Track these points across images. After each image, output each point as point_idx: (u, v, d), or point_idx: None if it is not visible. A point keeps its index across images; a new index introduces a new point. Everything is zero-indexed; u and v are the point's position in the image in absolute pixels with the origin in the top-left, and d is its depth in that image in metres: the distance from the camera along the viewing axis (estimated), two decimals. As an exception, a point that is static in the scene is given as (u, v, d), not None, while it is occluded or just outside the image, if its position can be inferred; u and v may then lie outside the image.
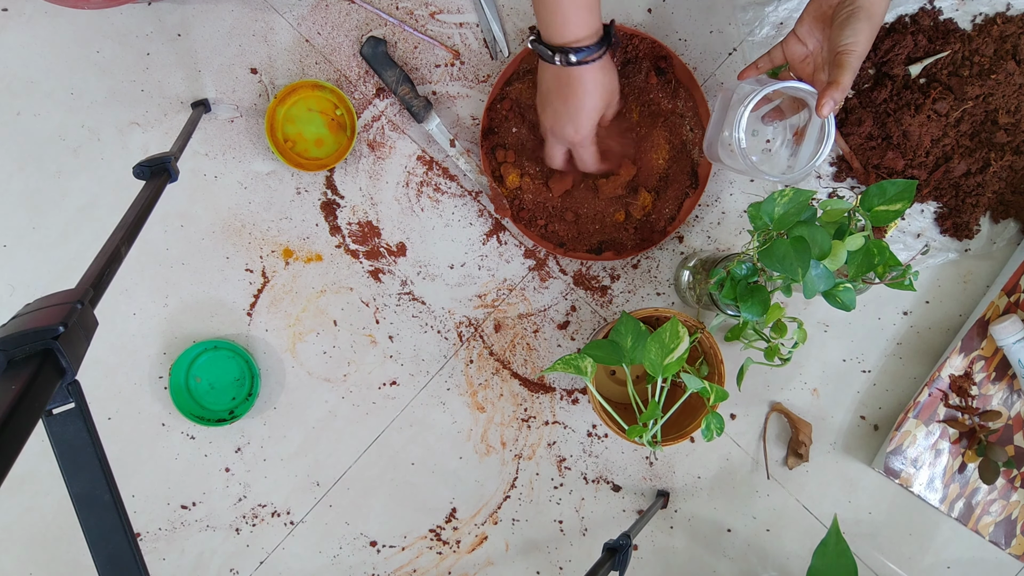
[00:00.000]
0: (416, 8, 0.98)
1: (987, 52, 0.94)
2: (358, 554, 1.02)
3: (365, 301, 1.00)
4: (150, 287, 0.98)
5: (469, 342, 1.01)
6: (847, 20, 0.73)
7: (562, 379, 1.02)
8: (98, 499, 0.48)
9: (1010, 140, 0.95)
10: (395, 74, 0.95)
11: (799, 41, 0.79)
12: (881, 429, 1.02)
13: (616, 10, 0.98)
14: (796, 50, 0.80)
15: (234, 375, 0.99)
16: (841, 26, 0.73)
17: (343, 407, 1.01)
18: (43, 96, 0.96)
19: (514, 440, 1.02)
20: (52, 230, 0.97)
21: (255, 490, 1.01)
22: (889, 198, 0.72)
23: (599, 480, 1.02)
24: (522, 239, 1.00)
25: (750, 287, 0.78)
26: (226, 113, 0.97)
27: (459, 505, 1.02)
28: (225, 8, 0.97)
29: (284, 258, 0.99)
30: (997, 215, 0.98)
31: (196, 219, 0.98)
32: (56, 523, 1.00)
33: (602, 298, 1.01)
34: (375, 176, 0.99)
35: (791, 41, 0.80)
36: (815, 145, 0.81)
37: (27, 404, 0.40)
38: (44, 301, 0.49)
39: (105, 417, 0.99)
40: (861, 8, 0.72)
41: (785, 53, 0.81)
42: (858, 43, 0.72)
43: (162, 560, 1.01)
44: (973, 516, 0.99)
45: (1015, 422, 0.97)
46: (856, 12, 0.72)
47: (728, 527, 1.03)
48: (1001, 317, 0.96)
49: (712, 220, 1.00)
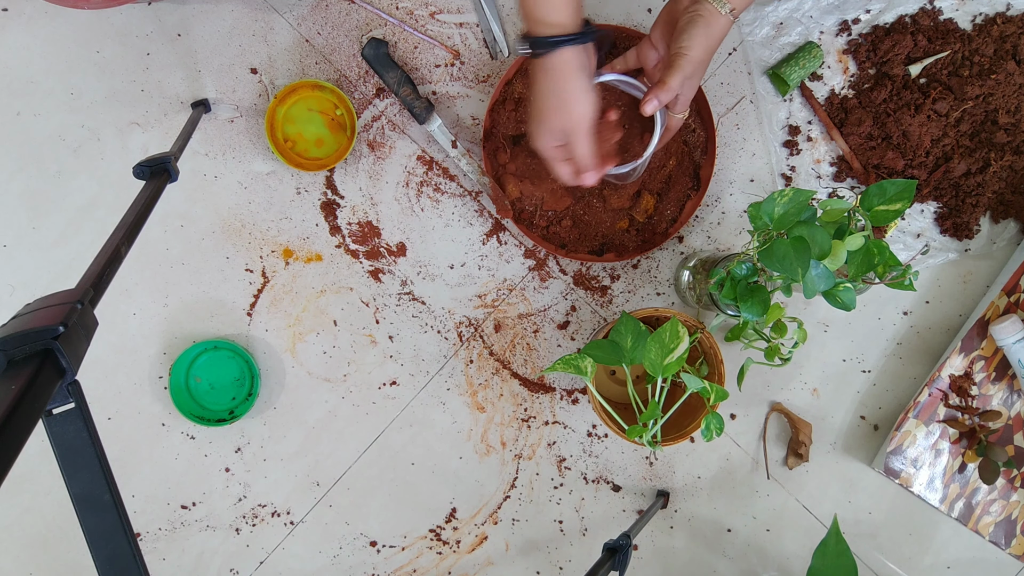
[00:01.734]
0: (416, 8, 0.98)
1: (987, 52, 0.94)
2: (358, 554, 1.02)
3: (365, 301, 1.00)
4: (150, 287, 0.98)
5: (469, 342, 1.01)
6: (686, 26, 0.75)
7: (562, 379, 1.02)
8: (98, 499, 0.48)
9: (1010, 140, 0.95)
10: (397, 76, 0.95)
11: (652, 46, 0.81)
12: (881, 429, 1.02)
13: (616, 10, 0.98)
14: (648, 55, 0.82)
15: (234, 375, 0.99)
16: (680, 31, 0.75)
17: (343, 407, 1.01)
18: (43, 96, 0.96)
19: (514, 440, 1.02)
20: (52, 230, 0.97)
21: (255, 490, 1.01)
22: (889, 198, 0.72)
23: (599, 480, 1.02)
24: (522, 239, 1.00)
25: (750, 287, 0.78)
26: (226, 113, 0.97)
27: (459, 505, 1.02)
28: (225, 8, 0.97)
29: (284, 258, 0.99)
30: (997, 215, 0.98)
31: (196, 219, 0.98)
32: (56, 523, 1.00)
33: (602, 298, 1.01)
34: (375, 176, 0.99)
35: (644, 46, 0.82)
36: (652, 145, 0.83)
37: (27, 404, 0.40)
38: (44, 301, 0.49)
39: (105, 417, 0.99)
40: (700, 16, 0.74)
41: (639, 57, 0.83)
42: (691, 48, 0.74)
43: (162, 560, 1.01)
44: (973, 516, 0.99)
45: (1015, 422, 0.97)
46: (695, 19, 0.74)
47: (728, 527, 1.03)
48: (1001, 317, 0.96)
49: (712, 220, 1.00)
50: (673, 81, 0.75)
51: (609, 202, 0.95)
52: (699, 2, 0.74)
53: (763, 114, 0.98)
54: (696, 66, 0.75)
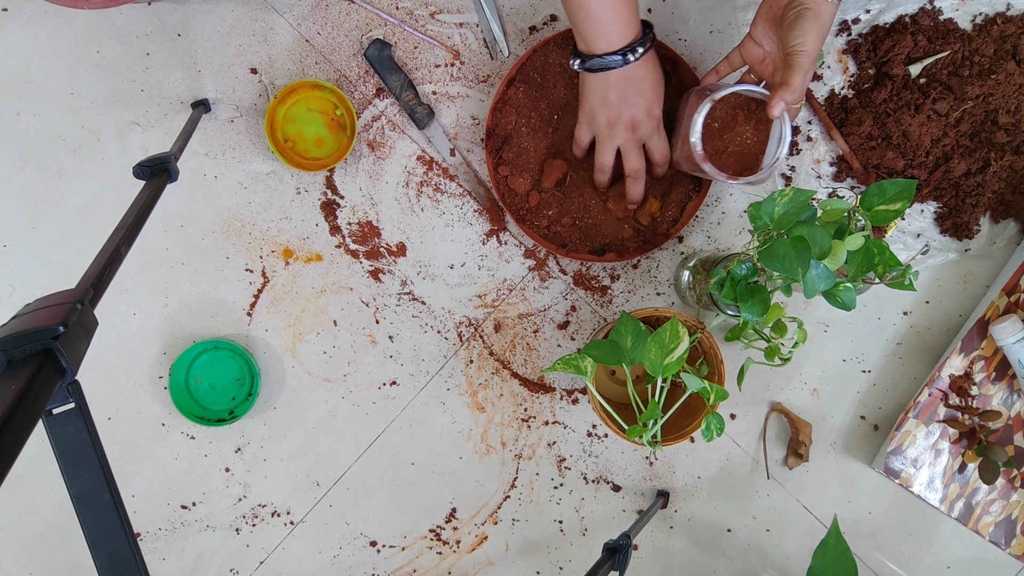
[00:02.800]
0: (416, 8, 0.98)
1: (987, 52, 0.94)
2: (358, 554, 1.02)
3: (365, 301, 1.00)
4: (150, 287, 0.98)
5: (469, 342, 1.01)
6: (795, 21, 0.73)
7: (562, 379, 1.02)
8: (98, 499, 0.48)
9: (1010, 140, 0.95)
10: (399, 79, 0.95)
11: (755, 43, 0.80)
12: (881, 429, 1.02)
13: (616, 10, 0.98)
14: (753, 52, 0.80)
15: (234, 375, 0.99)
16: (790, 27, 0.73)
17: (343, 407, 1.01)
18: (43, 96, 0.96)
19: (514, 440, 1.02)
20: (52, 230, 0.97)
21: (255, 490, 1.01)
22: (889, 198, 0.72)
23: (599, 480, 1.02)
24: (522, 239, 1.00)
25: (750, 287, 0.78)
26: (226, 113, 0.97)
27: (459, 505, 1.02)
28: (225, 8, 0.97)
29: (284, 258, 0.99)
30: (997, 215, 0.98)
31: (196, 219, 0.98)
32: (56, 523, 1.00)
33: (602, 298, 1.01)
34: (375, 176, 0.99)
35: (748, 44, 0.80)
36: (775, 147, 0.81)
37: (27, 404, 0.40)
38: (44, 301, 0.49)
39: (105, 417, 0.99)
40: (808, 8, 0.72)
41: (743, 56, 0.82)
42: (806, 43, 0.73)
43: (162, 560, 1.01)
44: (973, 516, 0.99)
45: (1015, 422, 0.97)
46: (803, 13, 0.73)
47: (728, 527, 1.03)
48: (1001, 317, 0.95)
49: (712, 220, 1.00)
50: (796, 80, 0.73)
51: (614, 210, 0.95)
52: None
53: (763, 114, 0.98)
54: (813, 60, 0.74)
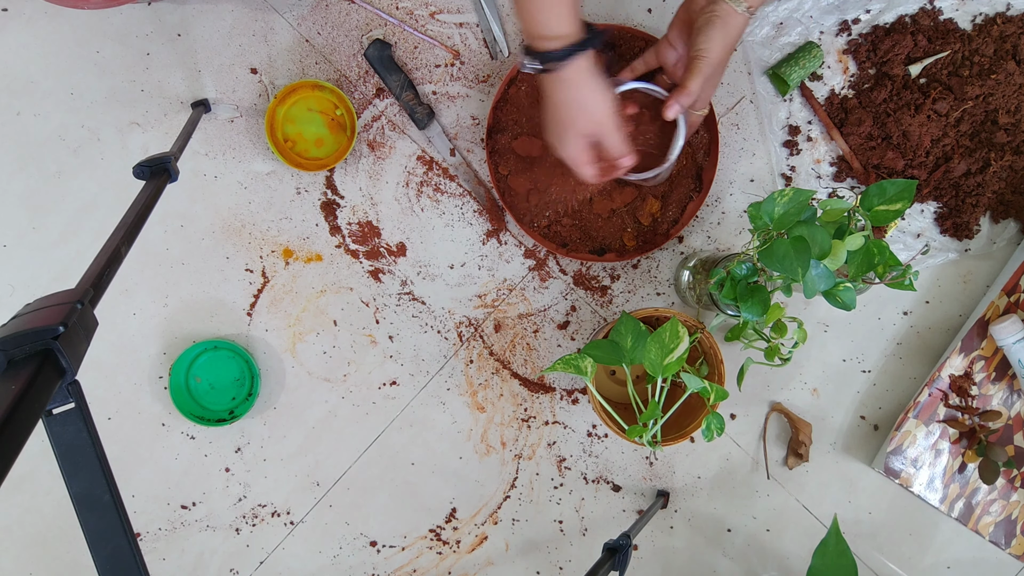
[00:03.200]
0: (416, 8, 0.98)
1: (987, 52, 0.94)
2: (358, 554, 1.02)
3: (365, 301, 1.00)
4: (150, 287, 0.98)
5: (469, 342, 1.01)
6: (703, 27, 0.74)
7: (562, 379, 1.02)
8: (98, 499, 0.48)
9: (1010, 140, 0.95)
10: (399, 79, 0.95)
11: (670, 46, 0.81)
12: (881, 429, 1.02)
13: (616, 10, 0.98)
14: (668, 54, 0.81)
15: (234, 375, 0.99)
16: (697, 32, 0.74)
17: (343, 407, 1.01)
18: (43, 96, 0.96)
19: (514, 440, 1.02)
20: (52, 230, 0.97)
21: (255, 490, 1.01)
22: (889, 198, 0.72)
23: (599, 480, 1.02)
24: (522, 239, 1.00)
25: (750, 287, 0.78)
26: (226, 113, 0.97)
27: (459, 505, 1.02)
28: (225, 8, 0.97)
29: (284, 258, 0.99)
30: (997, 215, 0.98)
31: (196, 219, 0.98)
32: (56, 523, 1.00)
33: (602, 298, 1.01)
34: (375, 176, 0.99)
35: (663, 46, 0.81)
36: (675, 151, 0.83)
37: (27, 404, 0.40)
38: (44, 301, 0.49)
39: (105, 417, 0.99)
40: (718, 16, 0.73)
41: (658, 57, 0.83)
42: (710, 50, 0.73)
43: (162, 560, 1.01)
44: (973, 516, 0.99)
45: (1015, 422, 0.97)
46: (712, 20, 0.73)
47: (728, 527, 1.03)
48: (1001, 317, 0.95)
49: (712, 220, 1.00)
50: (693, 85, 0.75)
51: (596, 207, 0.95)
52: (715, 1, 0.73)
53: (763, 114, 0.98)
54: (715, 67, 0.75)
